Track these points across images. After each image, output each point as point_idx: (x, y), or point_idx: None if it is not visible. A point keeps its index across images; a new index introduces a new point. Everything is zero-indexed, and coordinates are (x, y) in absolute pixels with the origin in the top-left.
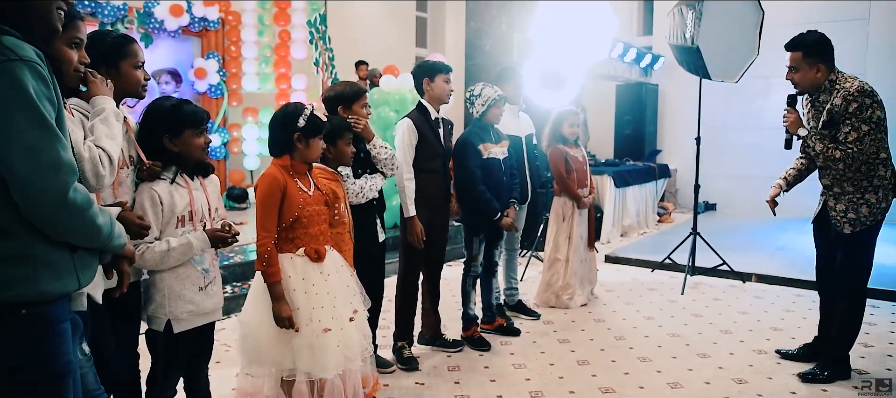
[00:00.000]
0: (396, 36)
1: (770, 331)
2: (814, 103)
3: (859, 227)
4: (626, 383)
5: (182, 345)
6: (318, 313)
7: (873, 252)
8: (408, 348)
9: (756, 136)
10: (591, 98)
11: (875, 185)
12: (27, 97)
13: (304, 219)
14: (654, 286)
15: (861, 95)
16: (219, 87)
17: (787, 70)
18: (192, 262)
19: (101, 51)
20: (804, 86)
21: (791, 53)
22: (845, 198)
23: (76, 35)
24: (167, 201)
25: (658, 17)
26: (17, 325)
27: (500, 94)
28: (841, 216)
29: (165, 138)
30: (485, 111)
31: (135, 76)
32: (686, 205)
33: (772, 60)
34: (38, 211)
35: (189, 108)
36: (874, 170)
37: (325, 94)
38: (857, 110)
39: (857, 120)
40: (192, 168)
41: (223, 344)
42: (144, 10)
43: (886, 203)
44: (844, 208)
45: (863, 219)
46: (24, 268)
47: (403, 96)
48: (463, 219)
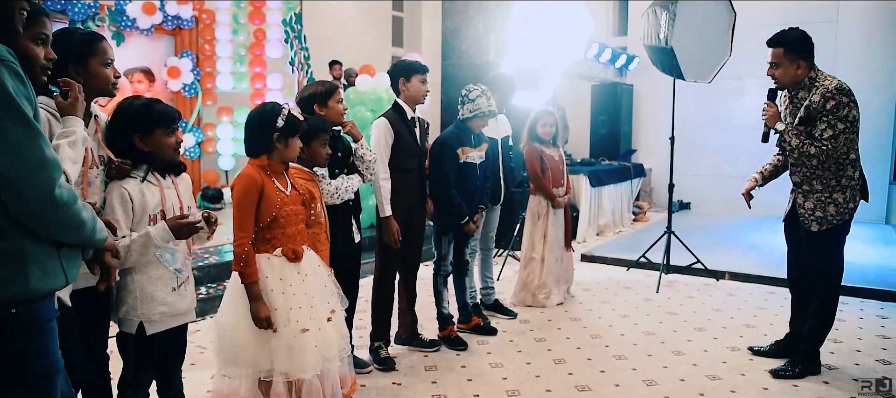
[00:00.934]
0: (373, 35)
1: (743, 328)
2: (792, 99)
3: (826, 226)
4: (602, 381)
5: (155, 346)
6: (295, 313)
7: (843, 251)
8: (384, 348)
9: (729, 136)
10: (567, 98)
11: (843, 184)
12: (7, 96)
13: (282, 220)
14: (629, 284)
15: (839, 94)
16: (193, 86)
17: (769, 66)
18: (164, 263)
19: (68, 48)
20: (785, 81)
21: (773, 49)
22: (814, 196)
23: (41, 31)
24: (138, 199)
25: (633, 17)
26: (8, 324)
27: (492, 109)
28: (809, 214)
29: (136, 138)
30: (470, 118)
31: (104, 74)
32: (661, 204)
33: (744, 61)
34: (27, 208)
35: (160, 107)
36: (843, 169)
37: (298, 96)
38: (834, 108)
39: (833, 118)
40: (164, 167)
41: (198, 346)
42: (116, 7)
43: (854, 203)
44: (813, 206)
45: (830, 218)
46: (14, 267)
47: (379, 96)
48: (434, 219)
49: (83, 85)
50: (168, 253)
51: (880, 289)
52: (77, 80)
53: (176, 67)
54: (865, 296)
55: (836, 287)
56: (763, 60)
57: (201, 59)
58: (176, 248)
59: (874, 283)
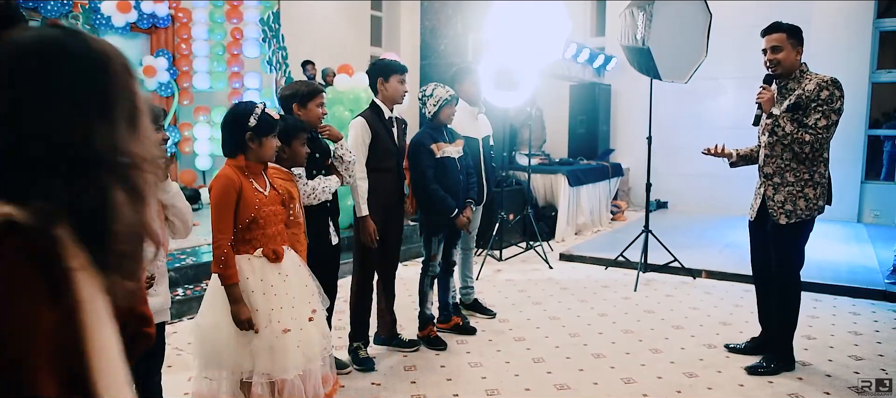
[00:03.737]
0: (351, 34)
1: (719, 326)
2: (781, 89)
3: (795, 220)
4: (580, 380)
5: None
6: (277, 314)
7: (804, 246)
8: (364, 349)
9: (706, 136)
10: (545, 98)
11: (816, 180)
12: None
13: (261, 220)
14: (607, 283)
15: (833, 85)
16: (169, 85)
17: (769, 51)
18: None
19: None
20: (786, 66)
21: (774, 35)
22: (785, 189)
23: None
24: None
25: (611, 18)
26: None
27: (451, 93)
28: (778, 206)
29: None
30: (437, 111)
31: None
32: (639, 203)
33: (720, 62)
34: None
35: None
36: (816, 166)
37: (281, 92)
38: (828, 98)
39: (827, 108)
40: None
41: (174, 348)
42: (90, 5)
43: (822, 202)
44: (783, 199)
45: (799, 212)
46: None
47: (358, 95)
48: (422, 220)
49: None
50: None
51: (852, 287)
52: None
53: (151, 66)
54: (838, 294)
55: (796, 281)
56: (738, 61)
57: (178, 58)
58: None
59: (846, 281)
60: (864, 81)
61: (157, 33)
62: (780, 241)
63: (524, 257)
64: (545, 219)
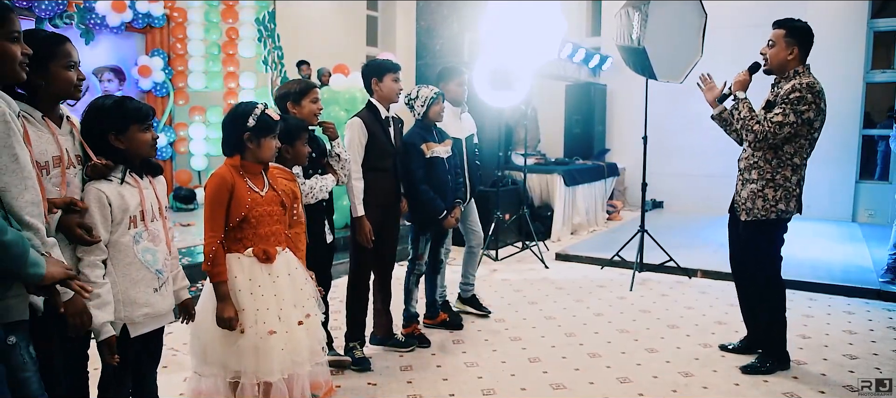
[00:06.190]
0: (347, 34)
1: (715, 325)
2: (773, 88)
3: (751, 218)
4: (576, 379)
5: (136, 347)
6: (263, 315)
7: (779, 248)
8: (359, 348)
9: (701, 136)
10: (541, 98)
11: (777, 182)
12: None
13: (253, 220)
14: (603, 283)
15: (806, 90)
16: (164, 85)
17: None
18: (146, 264)
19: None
20: (773, 63)
21: (776, 29)
22: (749, 186)
23: (13, 29)
24: (117, 202)
25: (606, 18)
26: None
27: (436, 91)
28: (741, 203)
29: (111, 136)
30: (425, 111)
31: (66, 77)
32: (634, 203)
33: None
34: None
35: (133, 103)
36: (781, 168)
37: (275, 94)
38: (795, 99)
39: (789, 107)
40: (140, 167)
41: (170, 348)
42: (85, 4)
43: (784, 205)
44: (746, 196)
45: (755, 212)
46: None
47: (353, 95)
48: (411, 219)
49: (44, 88)
50: (149, 253)
51: (847, 286)
52: (38, 83)
53: (147, 66)
54: (832, 293)
55: (776, 280)
56: (734, 61)
57: (173, 57)
58: (156, 249)
59: (841, 280)
60: (859, 81)
61: (152, 33)
62: (745, 238)
63: (520, 257)
64: (541, 218)
